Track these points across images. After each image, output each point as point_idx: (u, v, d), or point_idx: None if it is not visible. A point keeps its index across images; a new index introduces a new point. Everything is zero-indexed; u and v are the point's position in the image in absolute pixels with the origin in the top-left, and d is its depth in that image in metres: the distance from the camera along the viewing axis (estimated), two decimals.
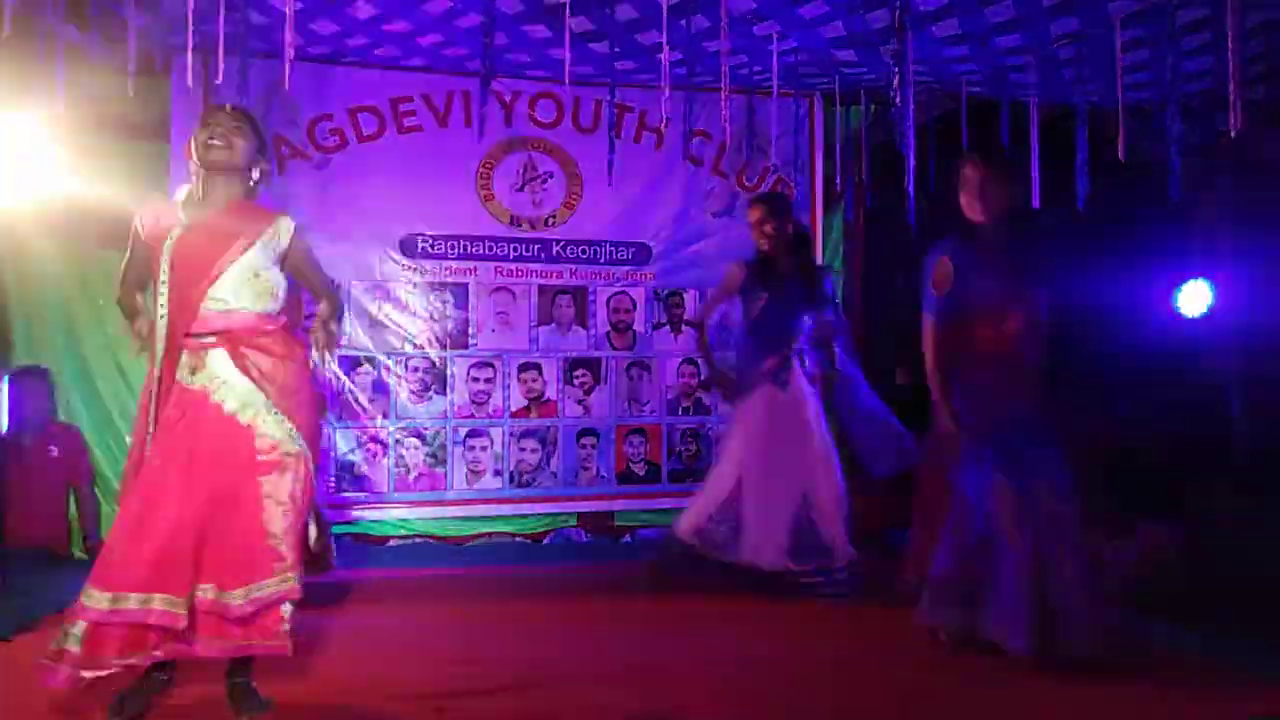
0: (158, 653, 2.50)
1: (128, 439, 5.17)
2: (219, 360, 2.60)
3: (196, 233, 2.62)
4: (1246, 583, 4.37)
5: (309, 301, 3.73)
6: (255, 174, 2.76)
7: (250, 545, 2.54)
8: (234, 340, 2.60)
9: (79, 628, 2.45)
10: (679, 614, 3.81)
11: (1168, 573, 4.48)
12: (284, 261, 2.76)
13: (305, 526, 2.70)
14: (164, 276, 2.57)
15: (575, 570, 4.72)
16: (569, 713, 2.68)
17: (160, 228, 2.63)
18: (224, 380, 2.59)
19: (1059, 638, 2.95)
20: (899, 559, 4.27)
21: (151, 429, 2.59)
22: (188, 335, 2.59)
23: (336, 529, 5.41)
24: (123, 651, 2.47)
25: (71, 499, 4.86)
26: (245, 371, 2.59)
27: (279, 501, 2.57)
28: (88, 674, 2.45)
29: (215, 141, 2.65)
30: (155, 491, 2.52)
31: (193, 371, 2.59)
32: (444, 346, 5.59)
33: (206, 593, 2.50)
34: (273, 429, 2.60)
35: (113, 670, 2.48)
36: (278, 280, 2.73)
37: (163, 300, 2.58)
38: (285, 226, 2.74)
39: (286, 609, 2.58)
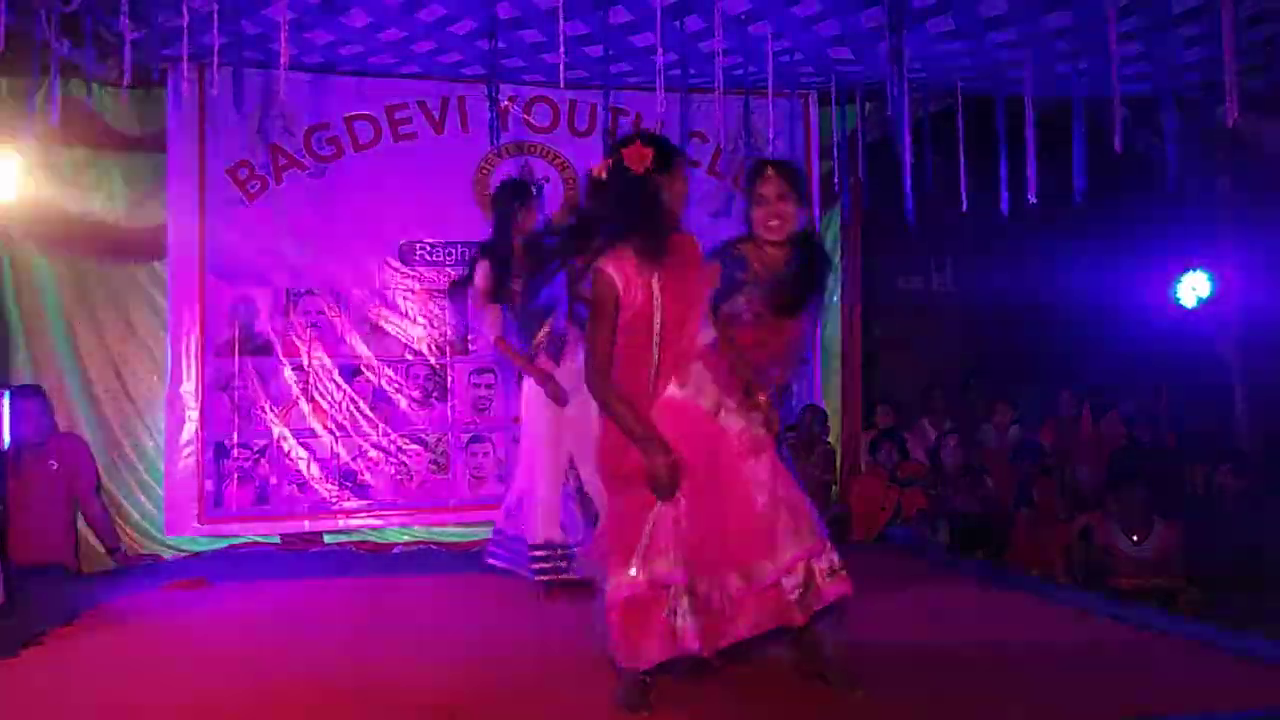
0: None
1: (129, 451, 5.26)
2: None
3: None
4: (1250, 570, 4.39)
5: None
6: None
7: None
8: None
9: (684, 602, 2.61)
10: None
11: (1171, 563, 4.50)
12: None
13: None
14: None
15: None
16: (583, 715, 2.68)
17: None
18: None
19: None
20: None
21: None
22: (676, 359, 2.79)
23: (338, 536, 5.43)
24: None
25: (77, 514, 4.84)
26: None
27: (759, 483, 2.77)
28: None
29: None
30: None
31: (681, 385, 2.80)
32: (444, 353, 5.59)
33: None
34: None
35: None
36: None
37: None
38: None
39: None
